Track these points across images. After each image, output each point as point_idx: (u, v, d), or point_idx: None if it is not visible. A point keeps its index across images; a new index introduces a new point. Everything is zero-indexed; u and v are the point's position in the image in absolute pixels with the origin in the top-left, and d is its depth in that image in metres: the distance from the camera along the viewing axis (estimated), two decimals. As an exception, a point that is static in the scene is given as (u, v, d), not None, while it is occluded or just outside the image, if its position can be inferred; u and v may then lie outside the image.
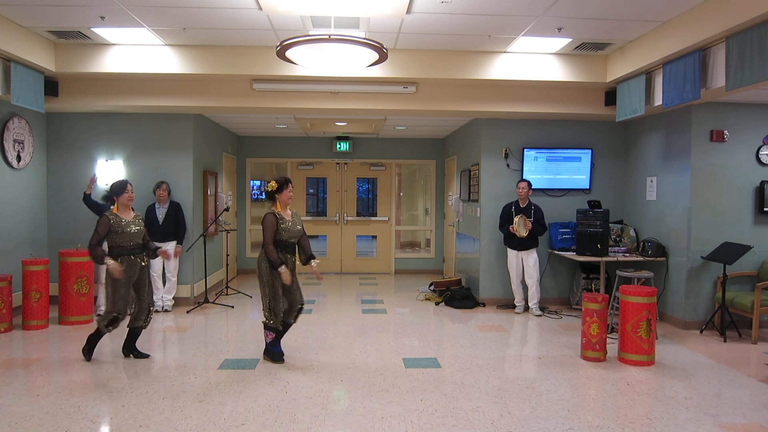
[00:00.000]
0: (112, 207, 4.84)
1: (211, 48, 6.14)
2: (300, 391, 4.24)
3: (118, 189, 4.83)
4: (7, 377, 4.52)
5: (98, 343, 4.99)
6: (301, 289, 5.04)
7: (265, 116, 8.14)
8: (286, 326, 5.02)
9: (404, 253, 11.21)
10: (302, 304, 5.01)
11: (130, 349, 5.05)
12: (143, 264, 4.92)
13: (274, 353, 4.95)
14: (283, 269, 4.69)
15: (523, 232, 6.83)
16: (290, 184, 4.89)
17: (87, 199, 6.52)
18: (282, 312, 4.86)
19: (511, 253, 7.13)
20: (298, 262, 5.03)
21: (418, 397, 4.14)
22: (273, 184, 4.84)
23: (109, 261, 4.65)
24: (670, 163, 6.61)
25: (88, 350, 4.94)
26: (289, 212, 4.90)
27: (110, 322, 4.78)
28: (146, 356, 5.05)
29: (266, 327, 4.89)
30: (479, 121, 7.66)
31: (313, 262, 5.02)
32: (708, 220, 6.26)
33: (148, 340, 5.75)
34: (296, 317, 5.02)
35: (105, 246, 4.79)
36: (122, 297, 4.76)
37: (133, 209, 4.98)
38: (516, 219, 6.86)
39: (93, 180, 6.67)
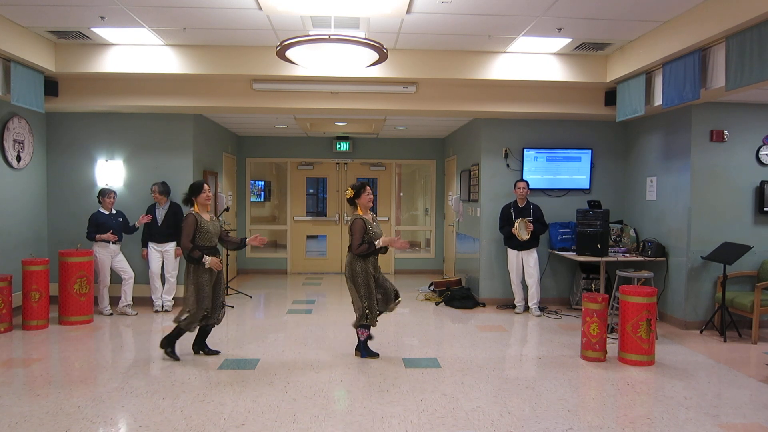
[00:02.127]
0: (191, 208, 4.94)
1: (211, 48, 6.14)
2: (300, 391, 4.24)
3: (196, 189, 4.92)
4: (7, 377, 4.52)
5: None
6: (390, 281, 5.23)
7: (265, 116, 8.14)
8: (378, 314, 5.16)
9: (404, 253, 11.21)
10: (396, 291, 5.19)
11: (200, 346, 5.14)
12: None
13: (371, 351, 5.11)
14: (382, 241, 4.88)
15: (525, 236, 6.82)
16: (368, 188, 4.99)
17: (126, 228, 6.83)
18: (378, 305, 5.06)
19: (512, 253, 7.12)
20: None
21: (418, 397, 4.14)
22: (350, 192, 4.99)
23: (207, 258, 4.79)
24: (670, 163, 6.61)
25: (172, 350, 5.00)
26: (369, 215, 5.03)
27: (200, 320, 4.91)
28: (216, 353, 5.13)
29: (361, 326, 5.01)
30: (479, 121, 7.66)
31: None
32: (708, 220, 6.26)
33: (148, 339, 5.76)
34: (394, 307, 5.18)
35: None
36: (207, 295, 4.87)
37: (209, 210, 5.09)
38: (517, 223, 6.85)
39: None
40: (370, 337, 5.14)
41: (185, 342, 5.57)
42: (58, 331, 6.01)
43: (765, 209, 6.29)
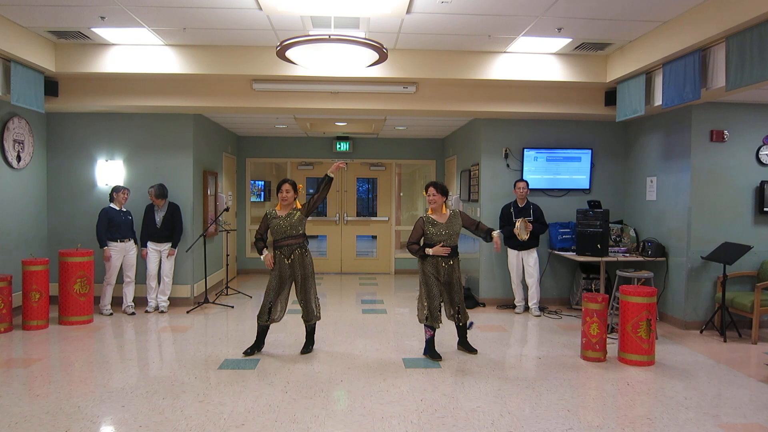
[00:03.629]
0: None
1: (211, 48, 6.14)
2: (300, 391, 4.24)
3: (278, 188, 5.20)
4: (7, 377, 4.52)
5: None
6: (461, 294, 5.17)
7: (265, 116, 8.14)
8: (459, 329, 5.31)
9: (404, 253, 11.18)
10: (459, 307, 5.16)
11: (308, 344, 5.34)
12: (290, 260, 5.08)
13: (435, 351, 5.12)
14: (434, 250, 4.92)
15: (524, 236, 6.79)
16: (430, 188, 5.03)
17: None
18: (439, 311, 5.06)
19: (512, 253, 7.12)
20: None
21: (418, 397, 4.14)
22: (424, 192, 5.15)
23: (263, 252, 5.10)
24: (670, 163, 6.61)
25: (256, 346, 5.22)
26: (446, 214, 5.04)
27: (268, 312, 5.11)
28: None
29: (426, 325, 5.08)
30: (479, 121, 7.66)
31: (494, 233, 5.06)
32: (708, 220, 6.26)
33: (146, 340, 5.77)
34: (458, 318, 5.20)
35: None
36: (273, 288, 5.09)
37: (294, 206, 5.21)
38: (517, 223, 6.83)
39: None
40: (431, 338, 5.15)
41: (189, 343, 5.57)
42: (58, 331, 6.01)
43: (765, 209, 6.29)
